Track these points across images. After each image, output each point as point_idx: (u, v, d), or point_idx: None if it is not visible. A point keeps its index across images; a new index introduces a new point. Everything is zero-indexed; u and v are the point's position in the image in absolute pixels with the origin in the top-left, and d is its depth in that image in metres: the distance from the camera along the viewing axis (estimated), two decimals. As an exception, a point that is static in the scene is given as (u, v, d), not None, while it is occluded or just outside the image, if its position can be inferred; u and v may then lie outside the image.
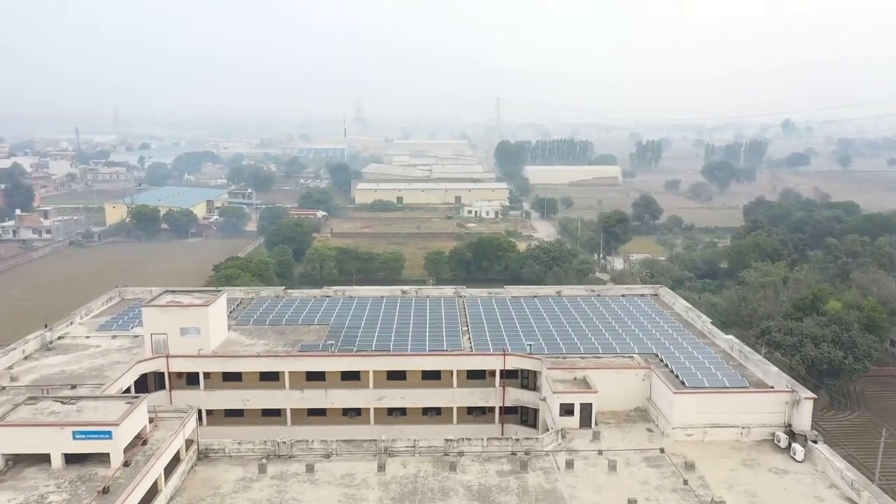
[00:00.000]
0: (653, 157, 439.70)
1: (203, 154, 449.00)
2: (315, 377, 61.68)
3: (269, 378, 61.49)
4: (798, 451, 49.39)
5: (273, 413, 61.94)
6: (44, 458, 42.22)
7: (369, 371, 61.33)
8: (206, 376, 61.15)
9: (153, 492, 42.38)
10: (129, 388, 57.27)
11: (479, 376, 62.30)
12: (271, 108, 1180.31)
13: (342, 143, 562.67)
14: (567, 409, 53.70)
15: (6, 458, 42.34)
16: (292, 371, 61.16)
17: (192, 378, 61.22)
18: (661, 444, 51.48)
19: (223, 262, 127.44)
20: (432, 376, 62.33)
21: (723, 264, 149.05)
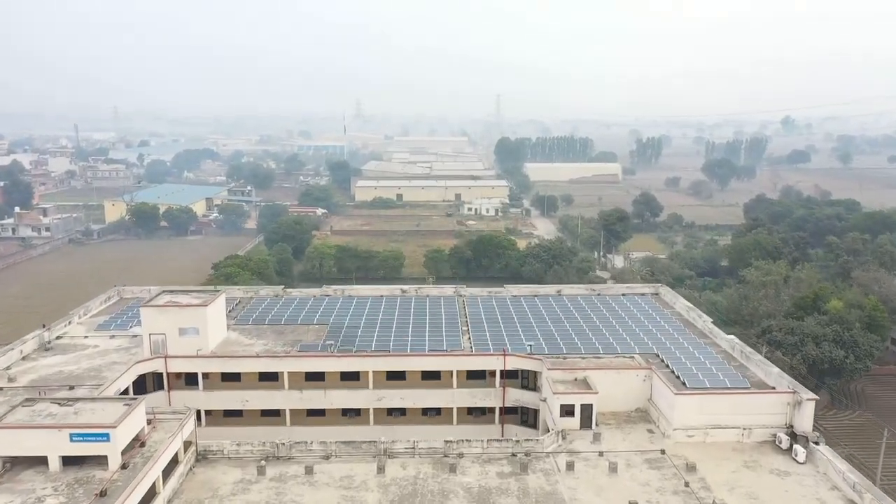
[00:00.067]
0: (653, 154, 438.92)
1: (202, 151, 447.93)
2: (314, 377, 61.43)
3: (269, 378, 61.26)
4: (800, 452, 49.14)
5: (272, 413, 61.71)
6: (41, 461, 42.02)
7: (369, 371, 61.07)
8: (205, 377, 60.89)
9: (151, 494, 42.15)
10: (127, 389, 57.03)
11: (479, 377, 62.05)
12: (271, 105, 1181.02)
13: (342, 140, 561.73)
14: (567, 410, 53.45)
15: (3, 461, 42.16)
16: (291, 371, 60.93)
17: (190, 378, 60.98)
18: (662, 446, 51.23)
19: (222, 261, 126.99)
20: (432, 376, 62.07)
21: (723, 262, 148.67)
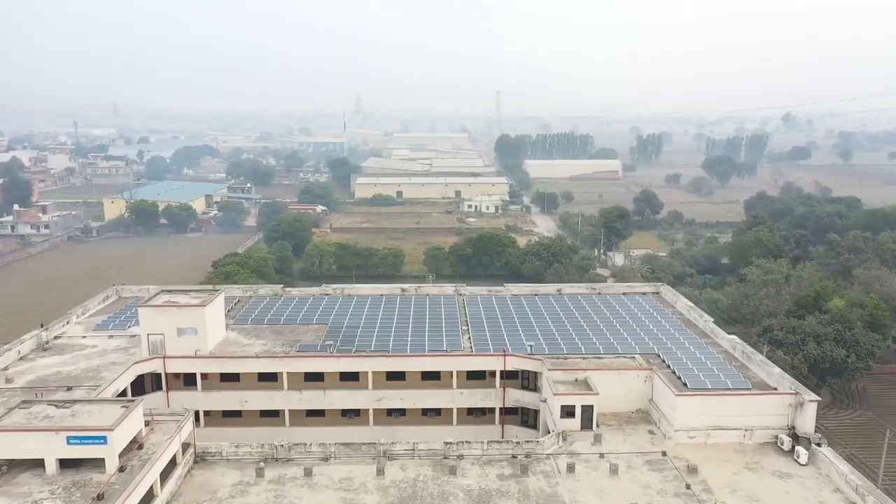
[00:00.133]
0: (653, 150, 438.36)
1: (202, 148, 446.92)
2: (314, 378, 61.10)
3: (268, 379, 60.94)
4: (802, 454, 48.83)
5: (271, 414, 61.43)
6: (38, 464, 41.75)
7: (368, 372, 60.74)
8: (204, 377, 60.58)
9: (149, 497, 41.87)
10: (125, 390, 56.74)
11: (479, 377, 61.70)
12: (271, 102, 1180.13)
13: (342, 137, 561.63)
14: (568, 411, 53.16)
15: (0, 464, 41.84)
16: (291, 372, 60.63)
17: (189, 379, 60.66)
18: (664, 447, 50.93)
19: (222, 259, 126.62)
20: (432, 377, 61.74)
21: (724, 260, 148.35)
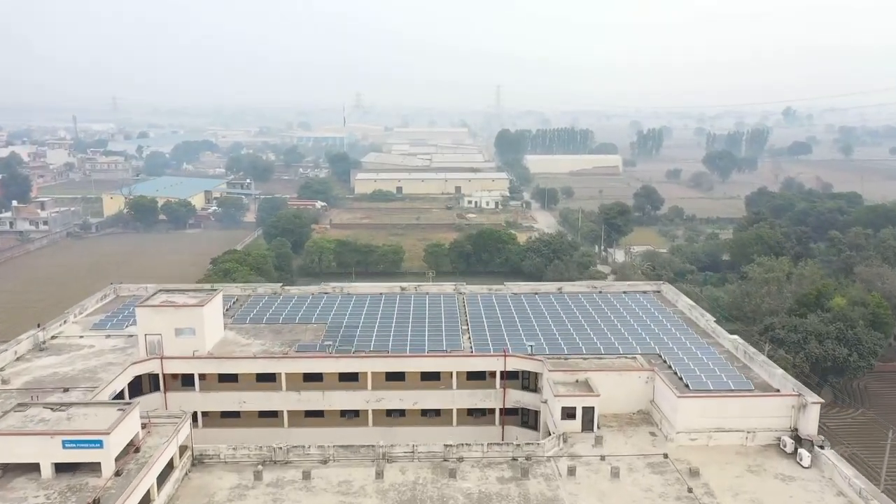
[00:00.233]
0: (654, 145, 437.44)
1: (202, 143, 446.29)
2: (312, 378, 60.64)
3: (266, 379, 60.46)
4: (805, 456, 48.39)
5: (270, 415, 61.00)
6: (33, 468, 41.32)
7: (367, 372, 60.26)
8: (202, 378, 60.09)
9: (146, 501, 41.46)
10: (122, 391, 56.31)
11: (479, 377, 61.22)
12: (270, 96, 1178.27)
13: (341, 132, 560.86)
14: (569, 413, 52.71)
15: (-5, 468, 41.46)
16: (289, 372, 60.18)
17: (187, 379, 60.17)
18: (665, 449, 50.50)
19: (221, 256, 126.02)
20: (432, 377, 61.27)
21: (725, 257, 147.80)
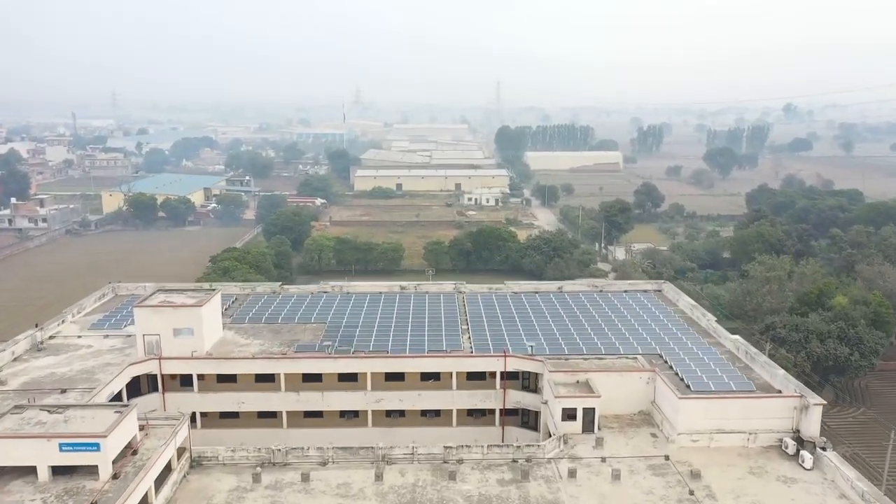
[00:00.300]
0: (654, 142, 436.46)
1: (201, 139, 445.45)
2: (311, 379, 60.24)
3: (265, 380, 60.09)
4: (807, 458, 48.07)
5: (269, 415, 60.65)
6: (30, 471, 41.00)
7: (367, 373, 59.88)
8: (200, 378, 59.73)
9: (143, 504, 41.19)
10: (120, 392, 55.99)
11: (479, 378, 60.87)
12: (270, 92, 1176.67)
13: (341, 128, 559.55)
14: (569, 414, 52.40)
15: (-9, 471, 41.14)
16: (288, 373, 59.81)
17: (185, 380, 59.82)
18: (666, 451, 50.19)
19: (220, 254, 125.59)
20: (431, 378, 60.94)
21: (725, 254, 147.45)
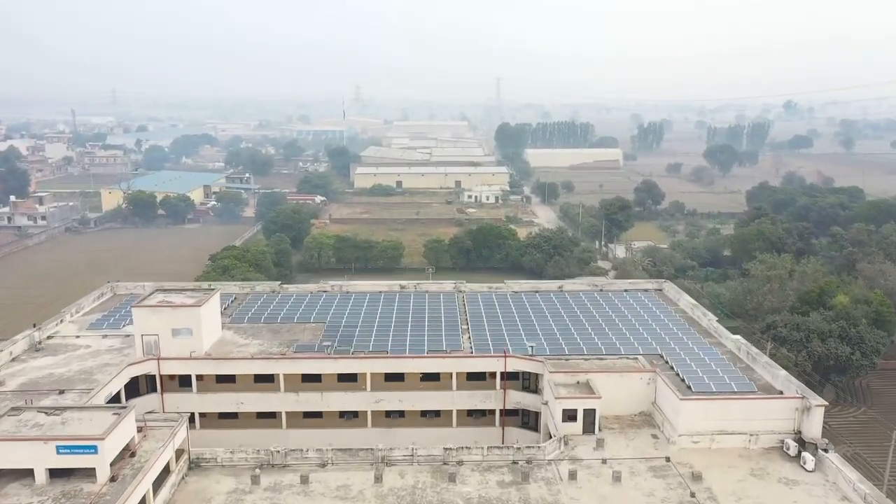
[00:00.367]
0: (654, 139, 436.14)
1: (201, 137, 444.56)
2: (311, 379, 59.93)
3: (264, 380, 59.78)
4: (808, 460, 47.84)
5: (268, 416, 60.36)
6: (27, 474, 40.76)
7: (366, 373, 59.58)
8: (199, 379, 59.43)
9: (141, 507, 40.91)
10: (119, 392, 55.70)
11: (479, 378, 60.55)
12: (270, 88, 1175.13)
13: (341, 125, 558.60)
14: (570, 415, 52.13)
15: (-12, 474, 40.89)
16: (287, 373, 59.51)
17: (184, 380, 59.50)
18: (667, 453, 49.93)
19: (219, 252, 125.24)
20: (431, 378, 60.60)
21: (726, 252, 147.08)
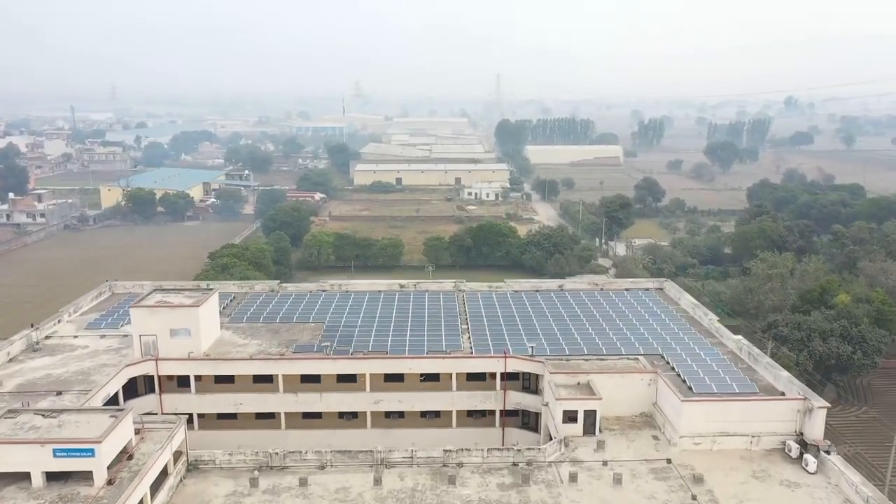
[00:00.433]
0: (655, 136, 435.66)
1: (200, 133, 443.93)
2: (310, 380, 59.60)
3: (263, 381, 59.46)
4: (810, 462, 47.53)
5: (267, 417, 60.09)
6: (24, 476, 40.44)
7: (366, 374, 59.24)
8: (198, 379, 59.10)
9: (139, 510, 40.62)
10: (116, 393, 55.40)
11: (479, 378, 60.22)
12: (269, 84, 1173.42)
13: (341, 122, 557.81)
14: (570, 417, 51.81)
15: (-16, 477, 40.57)
16: (286, 374, 59.19)
17: (182, 381, 59.17)
18: (668, 454, 49.62)
19: (219, 250, 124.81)
20: (431, 378, 60.30)
21: (727, 250, 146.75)
